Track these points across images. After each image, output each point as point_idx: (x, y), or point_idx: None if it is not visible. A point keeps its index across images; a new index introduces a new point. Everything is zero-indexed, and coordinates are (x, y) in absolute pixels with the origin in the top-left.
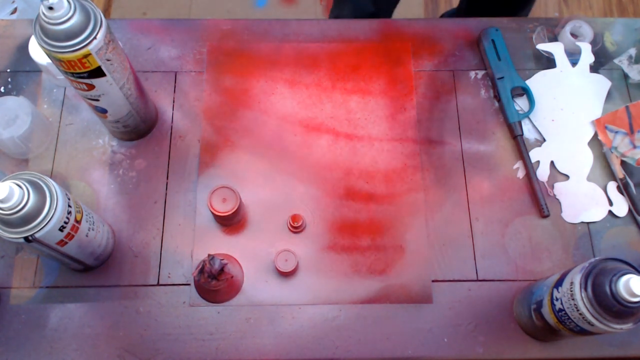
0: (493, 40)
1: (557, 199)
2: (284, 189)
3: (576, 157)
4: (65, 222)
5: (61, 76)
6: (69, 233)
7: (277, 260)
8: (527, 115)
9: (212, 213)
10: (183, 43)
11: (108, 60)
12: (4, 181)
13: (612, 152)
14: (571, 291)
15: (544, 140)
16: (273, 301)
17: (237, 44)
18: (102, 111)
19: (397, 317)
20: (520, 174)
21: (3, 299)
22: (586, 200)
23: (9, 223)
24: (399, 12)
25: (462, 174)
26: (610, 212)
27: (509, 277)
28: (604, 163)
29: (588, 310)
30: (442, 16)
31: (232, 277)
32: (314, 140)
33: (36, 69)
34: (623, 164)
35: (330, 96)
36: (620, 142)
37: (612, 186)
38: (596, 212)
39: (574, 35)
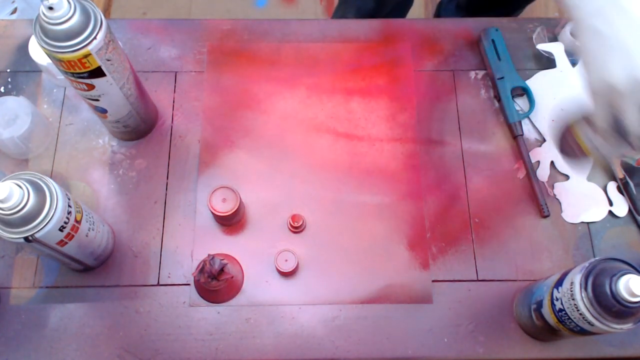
0: (493, 40)
1: (557, 199)
2: (284, 189)
3: None
4: (65, 222)
5: (61, 76)
6: (69, 233)
7: (277, 260)
8: (527, 115)
9: (212, 213)
10: (183, 43)
11: (108, 60)
12: (4, 181)
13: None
14: (571, 291)
15: (544, 140)
16: (273, 301)
17: (237, 44)
18: (102, 111)
19: (397, 317)
20: (521, 174)
21: (3, 299)
22: (586, 200)
23: (9, 223)
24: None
25: (462, 174)
26: (610, 212)
27: (509, 277)
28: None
29: (588, 310)
30: (440, 5)
31: (232, 277)
32: (314, 140)
33: (36, 69)
34: (623, 164)
35: (330, 96)
36: None
37: (612, 186)
38: (596, 212)
39: (574, 35)
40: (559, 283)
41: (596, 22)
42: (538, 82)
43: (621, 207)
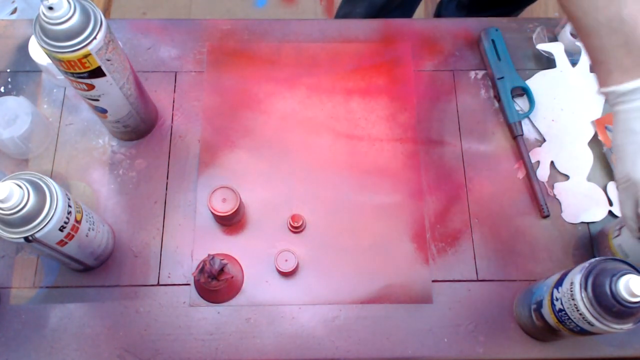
0: (493, 40)
1: (557, 199)
2: (284, 189)
3: (576, 157)
4: (65, 222)
5: (61, 76)
6: (69, 233)
7: (277, 260)
8: (527, 115)
9: (212, 213)
10: (183, 43)
11: (108, 60)
12: (4, 181)
13: (612, 152)
14: (571, 291)
15: (544, 140)
16: (273, 301)
17: (237, 44)
18: (102, 111)
19: (397, 317)
20: (520, 174)
21: (3, 299)
22: (586, 200)
23: (9, 223)
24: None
25: (462, 174)
26: (610, 212)
27: (508, 277)
28: (604, 163)
29: (588, 311)
30: (440, 4)
31: (232, 277)
32: (314, 140)
33: (36, 69)
34: None
35: (330, 96)
36: None
37: (612, 186)
38: (596, 212)
39: (574, 35)
40: (559, 283)
41: (635, 124)
42: (538, 82)
43: None
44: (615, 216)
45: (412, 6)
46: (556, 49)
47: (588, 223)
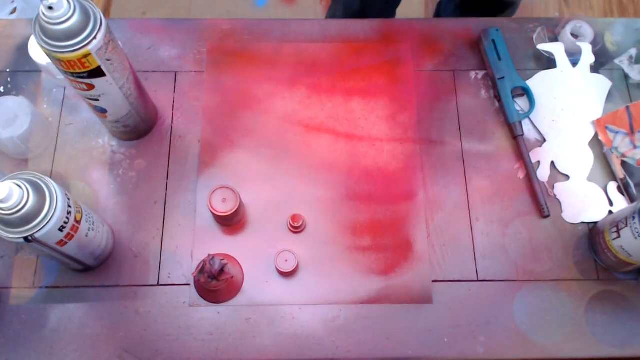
0: (493, 40)
1: (558, 199)
2: (284, 189)
3: (577, 158)
4: (65, 222)
5: (61, 76)
6: (68, 233)
7: (277, 260)
8: (527, 115)
9: (212, 213)
10: (183, 43)
11: (108, 60)
12: (3, 181)
13: (612, 153)
14: None
15: (545, 140)
16: (273, 301)
17: (237, 44)
18: (102, 111)
19: (397, 317)
20: (521, 174)
21: (3, 299)
22: (586, 200)
23: (8, 223)
24: (399, 12)
25: (462, 174)
26: (610, 212)
27: (509, 277)
28: (605, 163)
29: None
30: (439, 4)
31: (232, 277)
32: (314, 140)
33: (36, 69)
34: (623, 164)
35: (331, 96)
36: (621, 143)
37: (612, 186)
38: (596, 213)
39: (574, 35)
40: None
41: None
42: (538, 82)
43: (621, 208)
44: None
45: (391, 10)
46: (556, 49)
47: (588, 223)
